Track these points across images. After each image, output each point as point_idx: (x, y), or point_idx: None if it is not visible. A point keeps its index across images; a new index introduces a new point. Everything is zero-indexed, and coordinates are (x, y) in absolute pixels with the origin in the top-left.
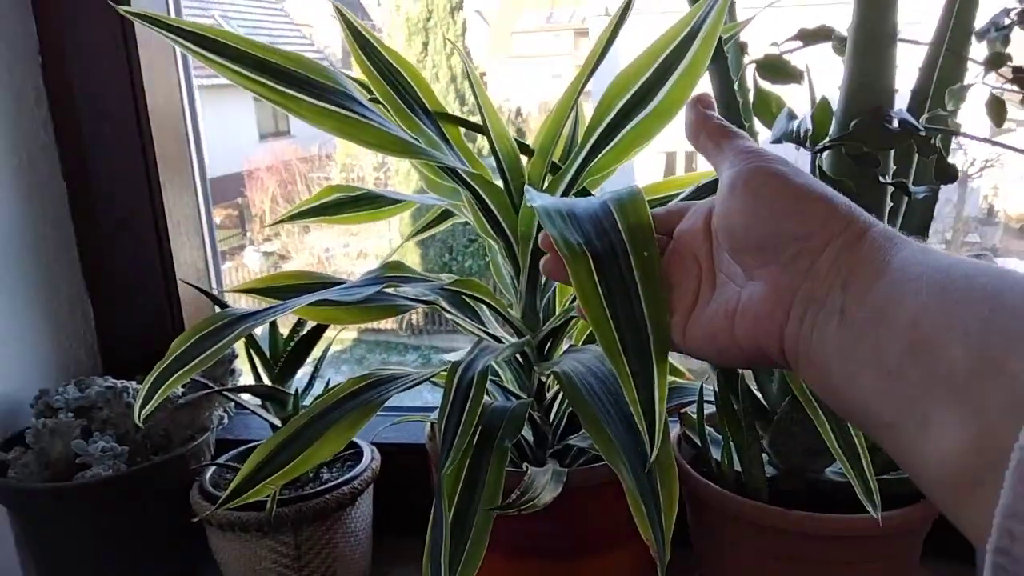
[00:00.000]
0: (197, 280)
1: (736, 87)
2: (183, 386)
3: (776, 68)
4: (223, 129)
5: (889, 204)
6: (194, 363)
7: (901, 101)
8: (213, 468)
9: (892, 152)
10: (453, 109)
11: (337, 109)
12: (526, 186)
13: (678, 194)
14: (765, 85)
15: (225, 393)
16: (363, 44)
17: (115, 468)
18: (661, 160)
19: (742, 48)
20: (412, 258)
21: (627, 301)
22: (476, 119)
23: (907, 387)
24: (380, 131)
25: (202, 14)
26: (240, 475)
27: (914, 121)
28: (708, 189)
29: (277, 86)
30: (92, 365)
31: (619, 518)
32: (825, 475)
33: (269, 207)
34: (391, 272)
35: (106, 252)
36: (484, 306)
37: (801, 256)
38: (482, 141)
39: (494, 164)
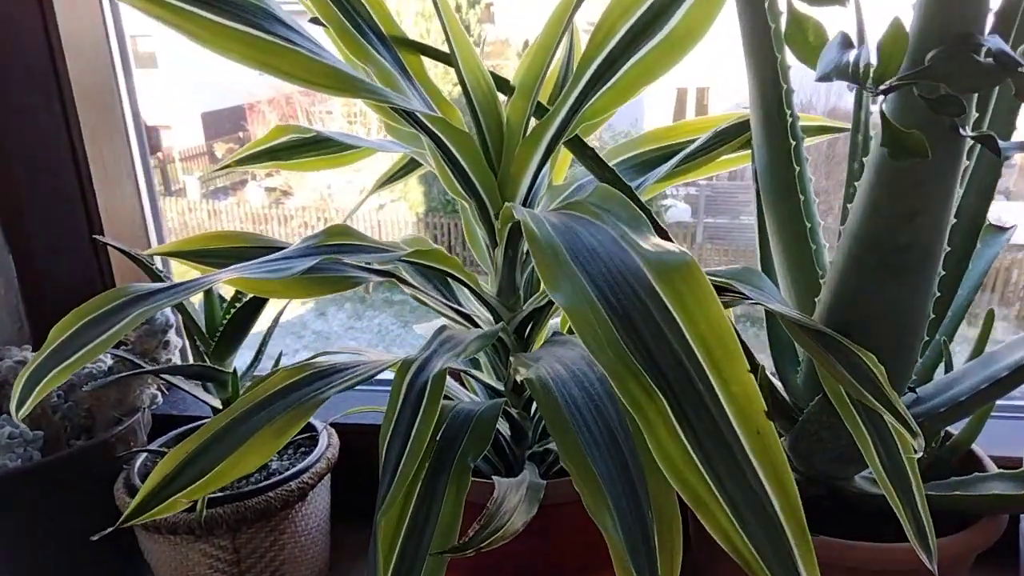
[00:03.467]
0: (132, 233)
1: (766, 8)
2: (114, 359)
3: None
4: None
5: (965, 163)
6: (77, 356)
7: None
8: (144, 455)
9: (975, 97)
10: (478, 73)
11: (247, 29)
12: (516, 210)
13: (690, 141)
14: (802, 8)
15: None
16: None
17: (26, 458)
18: (669, 98)
19: None
20: (415, 195)
21: None
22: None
23: None
24: (306, 59)
25: None
26: (144, 489)
27: (1013, 53)
28: (729, 134)
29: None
30: (17, 330)
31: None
32: (854, 483)
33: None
34: (333, 240)
35: (24, 202)
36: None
37: None
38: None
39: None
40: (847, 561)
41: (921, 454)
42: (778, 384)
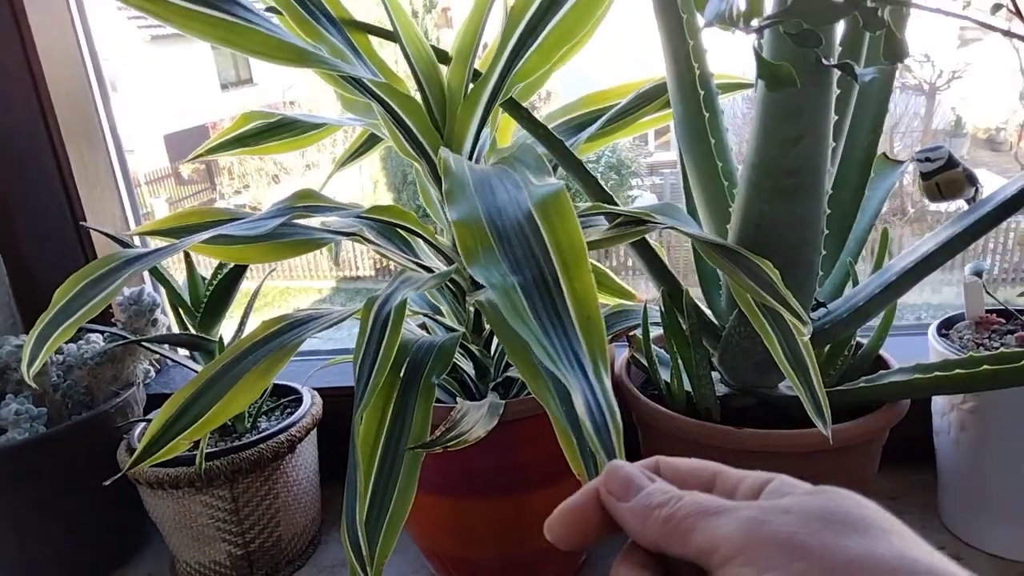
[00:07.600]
0: (116, 230)
1: None
2: (104, 339)
3: None
4: (182, 81)
5: (836, 91)
6: (81, 312)
7: None
8: (143, 424)
9: (839, 33)
10: (419, 46)
11: (213, 12)
12: (442, 151)
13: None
14: None
15: (144, 344)
16: None
17: (32, 432)
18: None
19: None
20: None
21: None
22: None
23: None
24: (267, 37)
25: None
26: (151, 430)
27: None
28: (651, 94)
29: None
30: (11, 325)
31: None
32: (778, 391)
33: (236, 159)
34: (301, 201)
35: (9, 200)
36: (417, 237)
37: None
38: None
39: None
40: (767, 447)
41: (808, 336)
42: (706, 310)
